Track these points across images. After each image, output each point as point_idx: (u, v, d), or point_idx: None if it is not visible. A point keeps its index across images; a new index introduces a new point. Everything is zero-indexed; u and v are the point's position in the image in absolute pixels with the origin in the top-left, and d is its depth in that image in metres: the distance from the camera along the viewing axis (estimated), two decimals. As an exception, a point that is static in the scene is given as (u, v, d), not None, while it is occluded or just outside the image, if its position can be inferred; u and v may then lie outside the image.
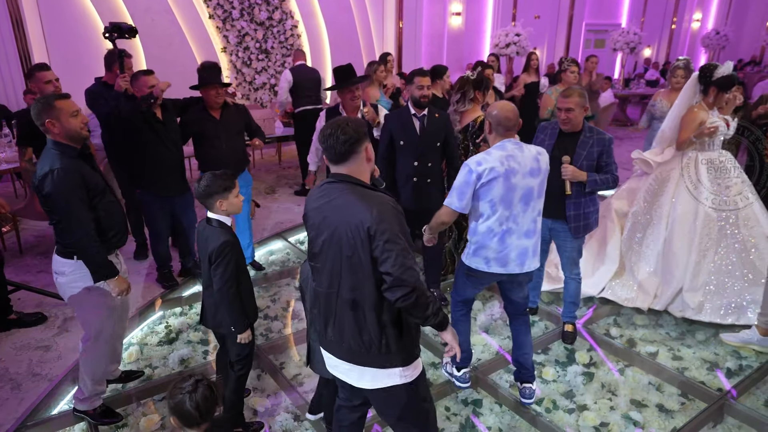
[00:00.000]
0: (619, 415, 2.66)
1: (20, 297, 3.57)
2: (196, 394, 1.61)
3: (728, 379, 2.92)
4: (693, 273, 3.41)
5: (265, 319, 3.53)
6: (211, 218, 2.25)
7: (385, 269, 1.64)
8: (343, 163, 1.75)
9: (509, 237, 2.36)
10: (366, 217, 1.64)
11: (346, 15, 9.06)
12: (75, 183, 2.21)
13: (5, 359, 3.04)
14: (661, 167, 3.74)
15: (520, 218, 2.35)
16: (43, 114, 2.21)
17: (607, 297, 3.63)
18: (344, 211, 1.69)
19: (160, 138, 3.46)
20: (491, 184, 2.29)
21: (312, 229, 1.82)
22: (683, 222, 3.51)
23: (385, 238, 1.63)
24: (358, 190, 1.73)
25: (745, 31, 14.34)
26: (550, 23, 11.73)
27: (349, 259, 1.69)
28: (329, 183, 1.80)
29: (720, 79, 3.36)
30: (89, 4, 6.95)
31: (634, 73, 12.68)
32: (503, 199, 2.31)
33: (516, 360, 2.72)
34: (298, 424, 2.59)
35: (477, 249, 2.43)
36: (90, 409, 2.55)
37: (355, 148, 1.73)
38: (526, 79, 6.63)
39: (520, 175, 2.30)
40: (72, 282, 2.35)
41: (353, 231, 1.66)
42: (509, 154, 2.31)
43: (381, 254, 1.64)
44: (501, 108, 2.36)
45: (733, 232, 3.43)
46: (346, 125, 1.72)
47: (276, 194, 6.05)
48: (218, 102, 3.59)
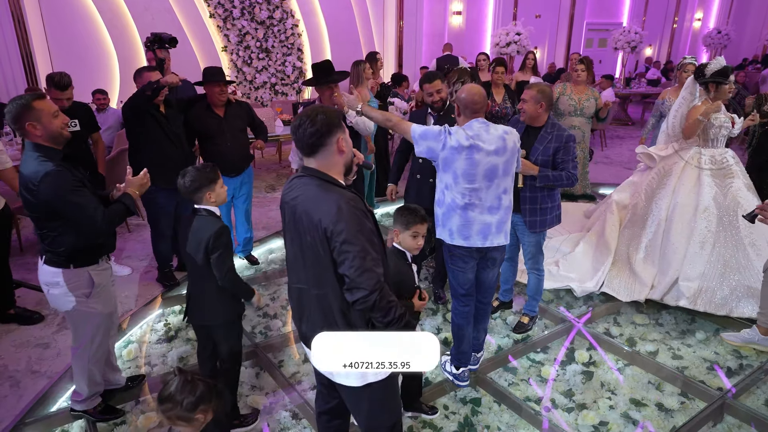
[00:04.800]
0: (619, 414, 2.65)
1: (20, 295, 3.57)
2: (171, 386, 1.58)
3: (728, 378, 2.91)
4: (690, 263, 3.45)
5: (264, 317, 3.52)
6: (198, 209, 2.23)
7: (342, 271, 1.58)
8: (312, 156, 1.68)
9: (471, 211, 2.44)
10: (324, 217, 1.58)
11: (346, 14, 9.05)
12: (72, 182, 2.13)
13: (4, 356, 3.05)
14: (663, 161, 3.79)
15: (482, 193, 2.42)
16: (23, 116, 2.09)
17: (606, 291, 3.64)
18: (307, 209, 1.63)
19: (165, 132, 3.47)
20: (454, 156, 2.37)
21: (284, 224, 1.79)
22: (683, 214, 3.55)
23: (341, 239, 1.56)
24: (322, 185, 1.65)
25: (746, 30, 14.30)
26: (551, 22, 11.71)
27: (313, 257, 1.65)
28: (298, 177, 1.74)
29: (714, 74, 3.46)
30: (90, 3, 6.96)
31: (635, 72, 12.65)
32: (465, 174, 2.39)
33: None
34: (296, 422, 2.58)
35: (443, 221, 2.52)
36: (89, 408, 2.54)
37: (324, 140, 1.64)
38: (520, 77, 6.65)
39: (484, 153, 2.37)
40: (67, 293, 2.27)
41: (314, 230, 1.61)
42: (475, 132, 2.38)
43: (338, 256, 1.58)
44: (468, 91, 2.44)
45: (733, 225, 3.45)
46: (316, 116, 1.63)
47: (276, 192, 6.05)
48: (221, 99, 3.63)
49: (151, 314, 3.54)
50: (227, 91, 3.65)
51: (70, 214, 2.15)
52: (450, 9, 10.23)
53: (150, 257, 4.29)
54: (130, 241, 4.63)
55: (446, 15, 10.23)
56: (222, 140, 3.65)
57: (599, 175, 6.56)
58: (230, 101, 3.72)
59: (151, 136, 3.45)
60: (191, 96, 3.93)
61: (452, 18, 10.31)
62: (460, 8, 10.32)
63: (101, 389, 2.57)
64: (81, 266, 2.27)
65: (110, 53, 7.13)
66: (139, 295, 3.73)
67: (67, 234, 2.20)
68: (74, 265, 2.25)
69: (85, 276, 2.29)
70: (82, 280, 2.28)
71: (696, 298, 3.37)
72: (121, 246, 4.46)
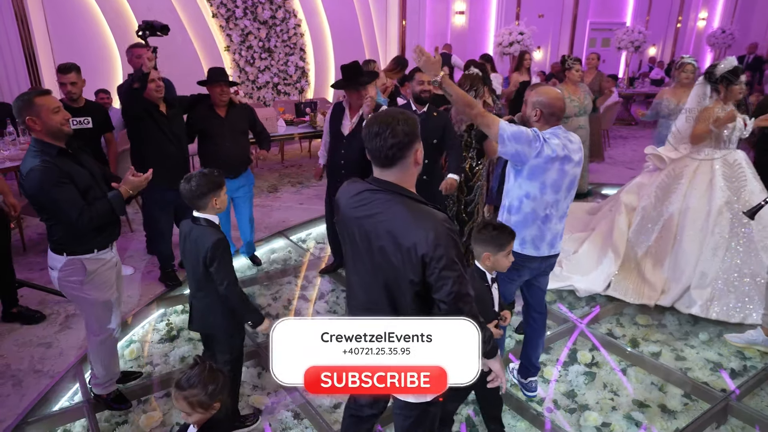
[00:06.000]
0: (621, 415, 2.64)
1: (23, 294, 3.58)
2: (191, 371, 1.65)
3: (732, 379, 2.90)
4: (702, 270, 3.40)
5: (266, 317, 3.51)
6: (198, 218, 2.18)
7: (439, 297, 1.52)
8: (389, 168, 1.55)
9: (549, 222, 2.34)
10: (420, 242, 1.47)
11: (349, 14, 9.05)
12: (56, 177, 2.15)
13: (7, 355, 3.05)
14: (674, 163, 3.72)
15: (560, 204, 2.34)
16: (24, 111, 2.16)
17: (613, 294, 3.60)
18: (393, 230, 1.51)
19: (163, 132, 3.47)
20: (547, 166, 2.22)
21: (348, 240, 1.66)
22: (695, 219, 3.49)
23: (441, 265, 1.47)
24: (409, 204, 1.53)
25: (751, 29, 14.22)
26: (554, 22, 11.68)
27: (394, 281, 1.56)
28: (372, 191, 1.58)
29: (725, 74, 3.40)
30: (93, 2, 6.97)
31: (638, 72, 12.61)
32: (554, 185, 2.26)
33: (527, 357, 2.71)
34: (298, 422, 2.58)
35: (515, 229, 2.35)
36: (105, 393, 2.61)
37: (404, 152, 1.52)
38: (518, 78, 6.62)
39: (572, 164, 2.27)
40: (65, 277, 2.35)
41: (404, 254, 1.50)
42: (563, 142, 2.24)
43: (436, 282, 1.50)
44: (550, 95, 2.23)
45: (746, 231, 3.39)
46: (397, 124, 1.49)
47: (278, 193, 6.05)
48: (223, 100, 3.62)
49: (153, 314, 3.54)
50: (228, 92, 3.65)
51: (49, 209, 2.23)
52: (453, 9, 10.21)
53: (152, 257, 4.30)
54: (132, 240, 4.64)
55: (449, 15, 10.21)
56: (221, 140, 3.64)
57: (602, 176, 6.54)
58: (233, 103, 3.72)
59: (151, 135, 3.46)
60: (196, 95, 3.94)
61: (455, 18, 10.30)
62: (463, 8, 10.30)
63: (116, 376, 2.65)
64: (74, 255, 2.33)
65: (113, 53, 7.14)
66: (141, 295, 3.74)
67: (58, 224, 2.29)
68: (67, 253, 2.32)
69: (77, 264, 2.34)
70: (76, 268, 2.34)
71: (708, 305, 3.33)
72: (124, 245, 4.47)
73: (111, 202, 2.30)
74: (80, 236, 2.31)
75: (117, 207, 2.31)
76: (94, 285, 2.40)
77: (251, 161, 3.98)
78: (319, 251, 4.52)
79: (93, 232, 2.32)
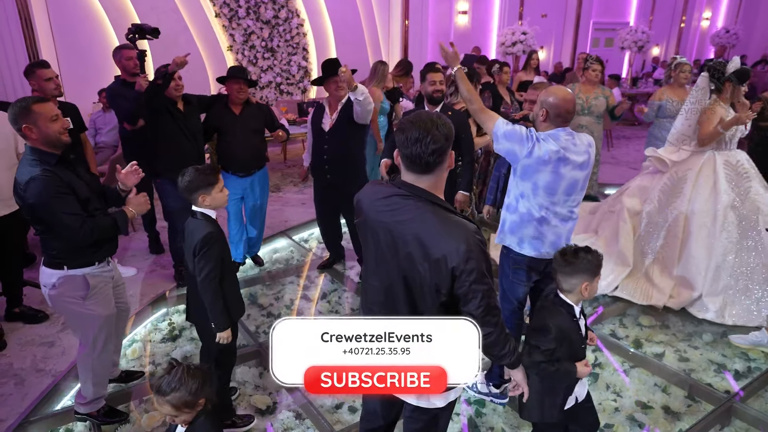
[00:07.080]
0: (624, 416, 2.63)
1: (26, 293, 3.58)
2: (170, 375, 1.62)
3: (736, 381, 2.88)
4: (713, 278, 3.37)
5: (268, 317, 3.52)
6: (196, 211, 2.21)
7: (468, 310, 1.50)
8: (426, 174, 1.51)
9: (546, 224, 2.31)
10: (451, 253, 1.44)
11: (351, 13, 9.04)
12: (58, 187, 2.09)
13: (10, 355, 3.06)
14: (677, 166, 3.66)
15: (558, 207, 2.29)
16: (21, 119, 2.07)
17: (620, 295, 3.57)
18: (422, 238, 1.48)
19: (180, 128, 3.50)
20: (539, 167, 2.20)
21: (372, 242, 1.62)
22: (701, 225, 3.45)
23: (472, 279, 1.46)
24: (440, 213, 1.50)
25: (755, 29, 14.16)
26: (557, 22, 11.65)
27: (419, 288, 1.53)
28: (402, 197, 1.54)
29: (735, 72, 3.37)
30: (97, 2, 6.99)
31: (642, 72, 12.57)
32: (547, 187, 2.24)
33: None
34: (299, 422, 2.58)
35: (512, 228, 2.37)
36: (93, 411, 2.50)
37: (443, 157, 1.49)
38: (523, 77, 6.60)
39: (570, 167, 2.21)
40: (64, 293, 2.24)
41: (432, 264, 1.47)
42: (563, 145, 2.19)
43: (465, 295, 1.48)
44: (560, 96, 2.18)
45: (754, 231, 3.36)
46: (436, 129, 1.45)
47: (281, 192, 6.05)
48: (240, 98, 3.64)
49: (155, 313, 3.55)
50: (246, 90, 3.67)
51: (49, 220, 2.13)
52: (456, 8, 10.19)
53: (154, 257, 4.31)
54: (134, 240, 4.65)
55: (452, 14, 10.19)
56: (233, 138, 3.66)
57: (605, 176, 6.51)
58: (249, 101, 3.74)
59: (167, 130, 3.48)
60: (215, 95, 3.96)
61: (458, 17, 10.28)
62: (466, 8, 10.28)
63: (106, 393, 2.55)
64: (75, 268, 2.24)
65: (116, 53, 7.15)
66: (143, 295, 3.74)
67: (55, 237, 2.19)
68: (68, 266, 2.22)
69: (79, 278, 2.25)
70: (77, 283, 2.24)
71: (723, 311, 3.31)
72: (126, 245, 4.47)
73: (116, 219, 2.24)
74: (78, 249, 2.22)
75: (121, 226, 2.26)
76: (98, 300, 2.31)
77: (267, 160, 3.96)
78: (321, 251, 4.51)
79: (92, 247, 2.24)
